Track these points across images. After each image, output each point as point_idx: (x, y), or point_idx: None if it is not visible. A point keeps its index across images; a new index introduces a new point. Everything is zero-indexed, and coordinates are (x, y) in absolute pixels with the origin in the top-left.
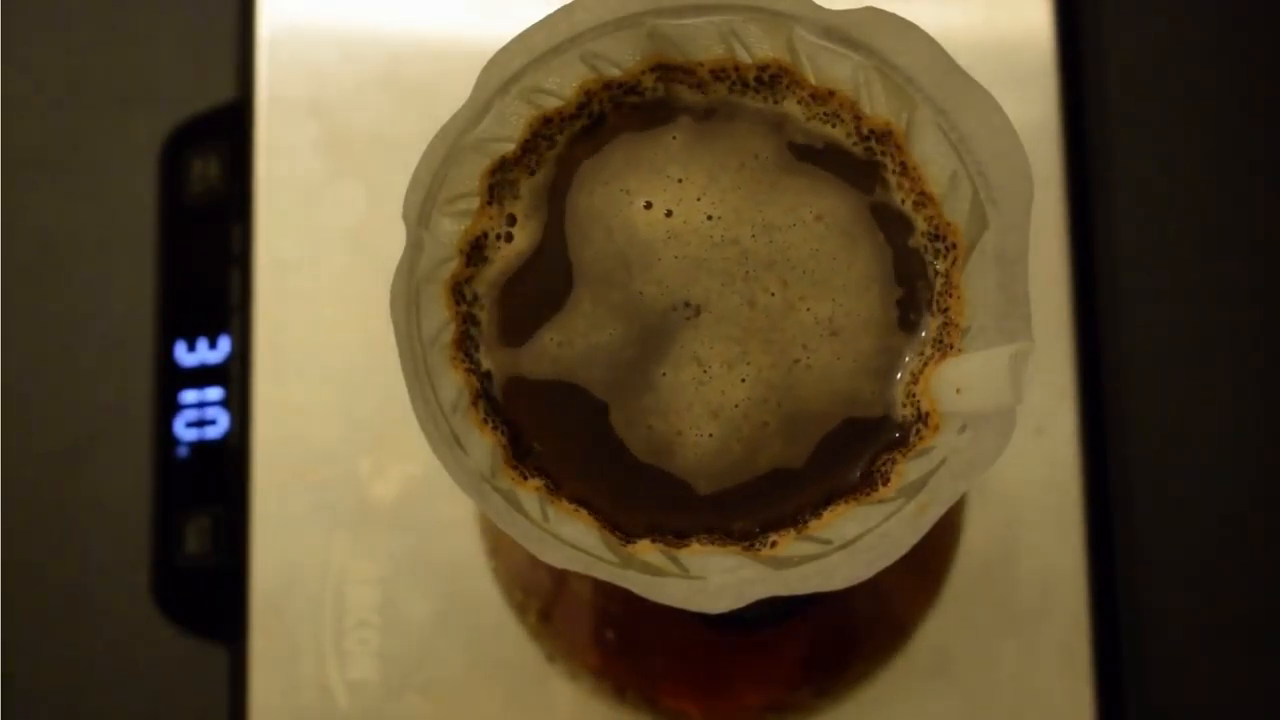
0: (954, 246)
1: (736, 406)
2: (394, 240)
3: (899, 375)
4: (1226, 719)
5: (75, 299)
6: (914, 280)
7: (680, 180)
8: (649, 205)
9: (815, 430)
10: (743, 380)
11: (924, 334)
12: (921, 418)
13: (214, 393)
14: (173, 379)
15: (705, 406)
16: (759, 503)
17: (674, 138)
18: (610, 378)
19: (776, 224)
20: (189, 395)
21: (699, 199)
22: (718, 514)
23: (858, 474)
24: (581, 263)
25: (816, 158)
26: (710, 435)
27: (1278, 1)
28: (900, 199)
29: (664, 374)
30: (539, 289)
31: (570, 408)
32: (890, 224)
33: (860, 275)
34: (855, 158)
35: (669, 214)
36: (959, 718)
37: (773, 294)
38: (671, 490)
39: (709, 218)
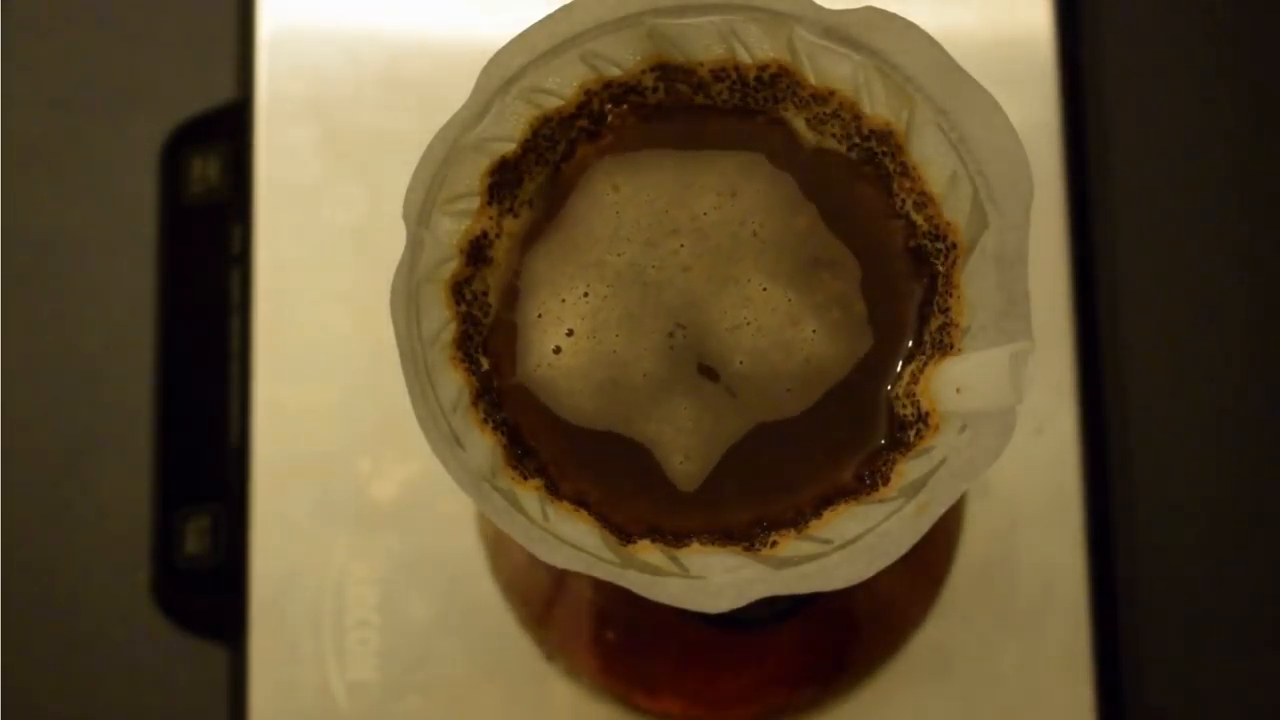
0: (954, 246)
1: (790, 299)
2: (394, 240)
3: (899, 377)
4: (1226, 719)
5: (75, 299)
6: (911, 280)
7: (539, 315)
8: (558, 350)
9: (835, 244)
10: (764, 289)
11: (924, 334)
12: (921, 418)
13: (214, 393)
14: (173, 378)
15: (782, 328)
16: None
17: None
18: (730, 421)
19: (594, 224)
20: (190, 394)
21: (562, 300)
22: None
23: (850, 474)
24: (588, 417)
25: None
26: (815, 331)
27: (1278, 2)
28: (902, 200)
29: (741, 362)
30: (624, 467)
31: (737, 447)
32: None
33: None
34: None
35: (570, 332)
36: (959, 718)
37: (681, 245)
38: (853, 397)
39: (584, 295)
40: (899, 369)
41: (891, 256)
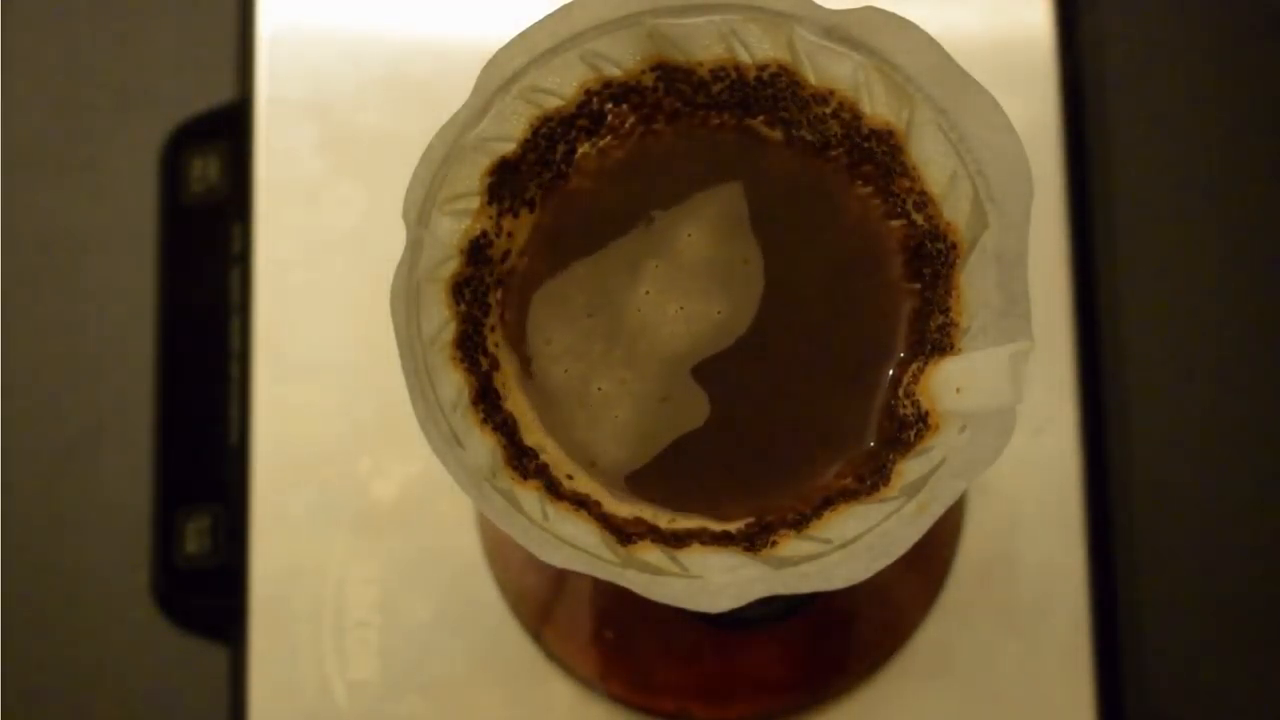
0: (954, 246)
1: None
2: (394, 240)
3: (899, 377)
4: (1226, 719)
5: (75, 299)
6: (906, 280)
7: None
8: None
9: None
10: (651, 288)
11: (924, 333)
12: (921, 417)
13: (214, 393)
14: (173, 378)
15: (694, 265)
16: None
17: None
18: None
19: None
20: (190, 394)
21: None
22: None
23: (850, 474)
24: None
25: None
26: (689, 235)
27: (1277, 2)
28: (902, 200)
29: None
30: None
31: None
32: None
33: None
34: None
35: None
36: (959, 718)
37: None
38: (853, 397)
39: (598, 389)
40: (898, 369)
41: (890, 256)
